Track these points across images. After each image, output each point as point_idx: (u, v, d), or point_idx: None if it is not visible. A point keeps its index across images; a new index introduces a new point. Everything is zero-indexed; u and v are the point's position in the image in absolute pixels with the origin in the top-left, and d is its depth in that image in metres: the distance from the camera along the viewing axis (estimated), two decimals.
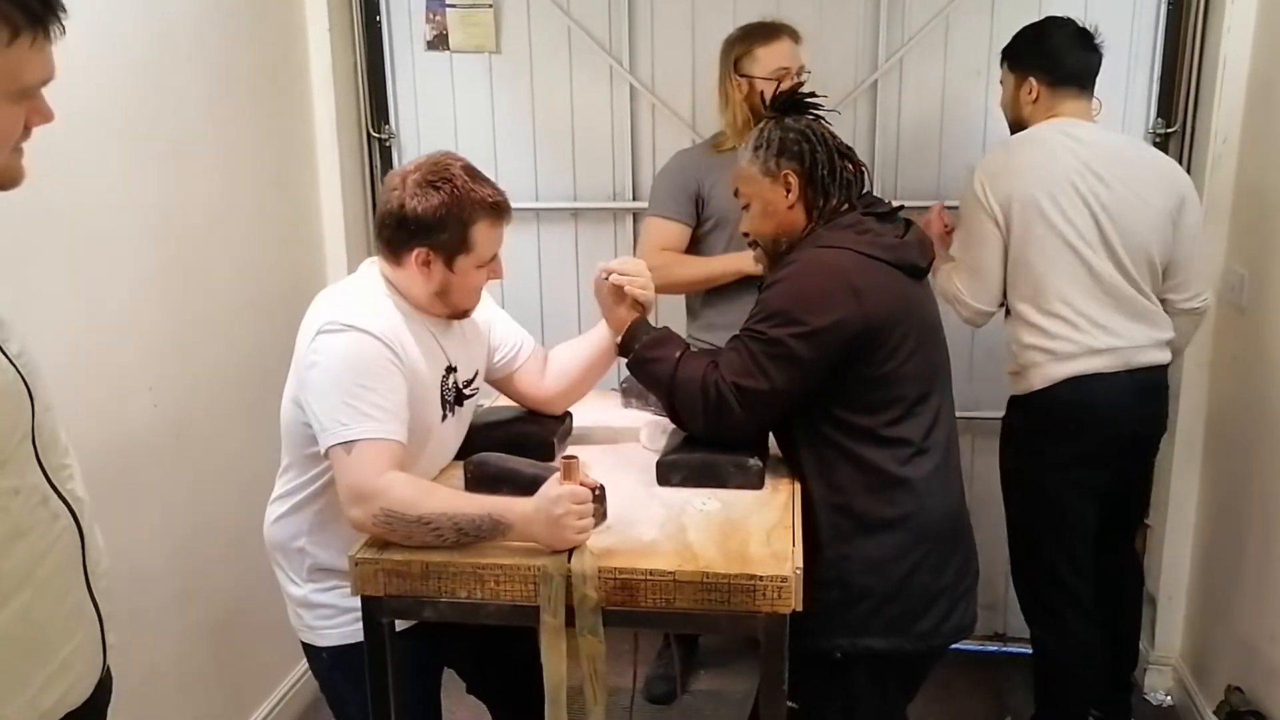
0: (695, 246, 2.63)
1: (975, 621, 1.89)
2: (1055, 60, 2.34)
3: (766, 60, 2.48)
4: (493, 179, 1.73)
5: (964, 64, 2.85)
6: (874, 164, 2.91)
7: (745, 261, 2.45)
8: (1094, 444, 2.34)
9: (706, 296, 2.65)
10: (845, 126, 2.89)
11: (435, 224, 1.64)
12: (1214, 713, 2.53)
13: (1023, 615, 2.56)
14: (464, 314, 1.80)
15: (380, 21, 3.00)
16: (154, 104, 2.18)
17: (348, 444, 1.55)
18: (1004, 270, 2.31)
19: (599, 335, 1.98)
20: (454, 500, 1.58)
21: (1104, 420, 2.31)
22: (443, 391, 1.77)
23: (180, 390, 2.28)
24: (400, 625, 1.69)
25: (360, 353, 1.60)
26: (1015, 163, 2.30)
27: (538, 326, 3.12)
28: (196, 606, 2.35)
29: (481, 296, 1.83)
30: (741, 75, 2.51)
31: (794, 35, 2.52)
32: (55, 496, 1.14)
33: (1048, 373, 2.29)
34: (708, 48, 2.88)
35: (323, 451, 1.60)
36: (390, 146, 3.08)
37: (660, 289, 2.55)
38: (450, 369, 1.79)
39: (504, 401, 2.09)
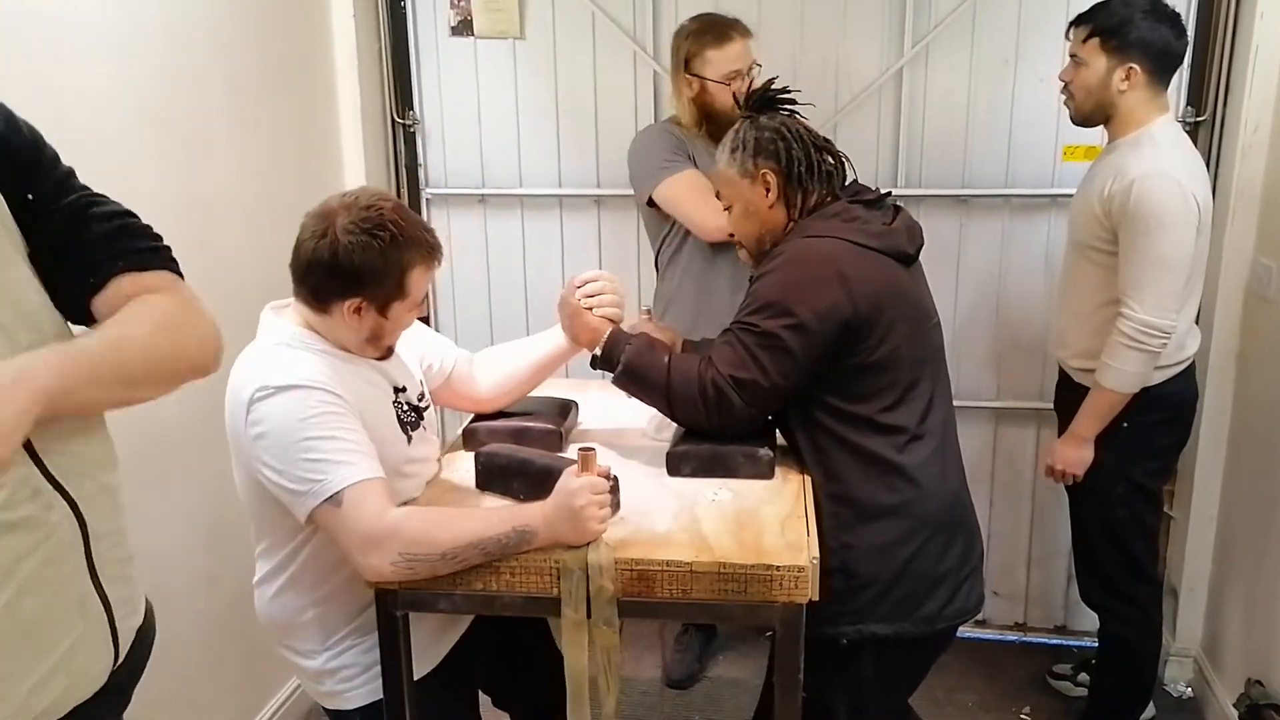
0: (677, 227, 2.60)
1: (981, 604, 1.90)
2: (1166, 49, 2.20)
3: (718, 63, 2.45)
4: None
5: (992, 51, 2.81)
6: (899, 153, 2.89)
7: None
8: (1185, 431, 2.42)
9: (673, 266, 2.64)
10: (870, 116, 2.89)
11: (372, 275, 1.55)
12: (1234, 705, 2.52)
13: (1105, 615, 2.52)
14: (390, 354, 1.73)
15: (405, 7, 3.00)
16: (177, 90, 2.20)
17: (334, 498, 1.48)
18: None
19: (552, 344, 1.96)
20: (471, 524, 1.52)
21: (1193, 408, 2.43)
22: (399, 415, 1.71)
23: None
24: (419, 673, 1.67)
25: (303, 406, 1.50)
26: (1197, 168, 2.22)
27: None
28: (222, 588, 2.39)
29: None
30: (692, 74, 2.48)
31: (745, 33, 2.48)
32: (51, 489, 1.09)
33: (1166, 369, 2.30)
34: None
35: (304, 519, 1.52)
36: (415, 132, 3.09)
37: None
38: (398, 389, 1.74)
39: None
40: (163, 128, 2.15)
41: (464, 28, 2.99)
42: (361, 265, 1.54)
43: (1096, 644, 2.62)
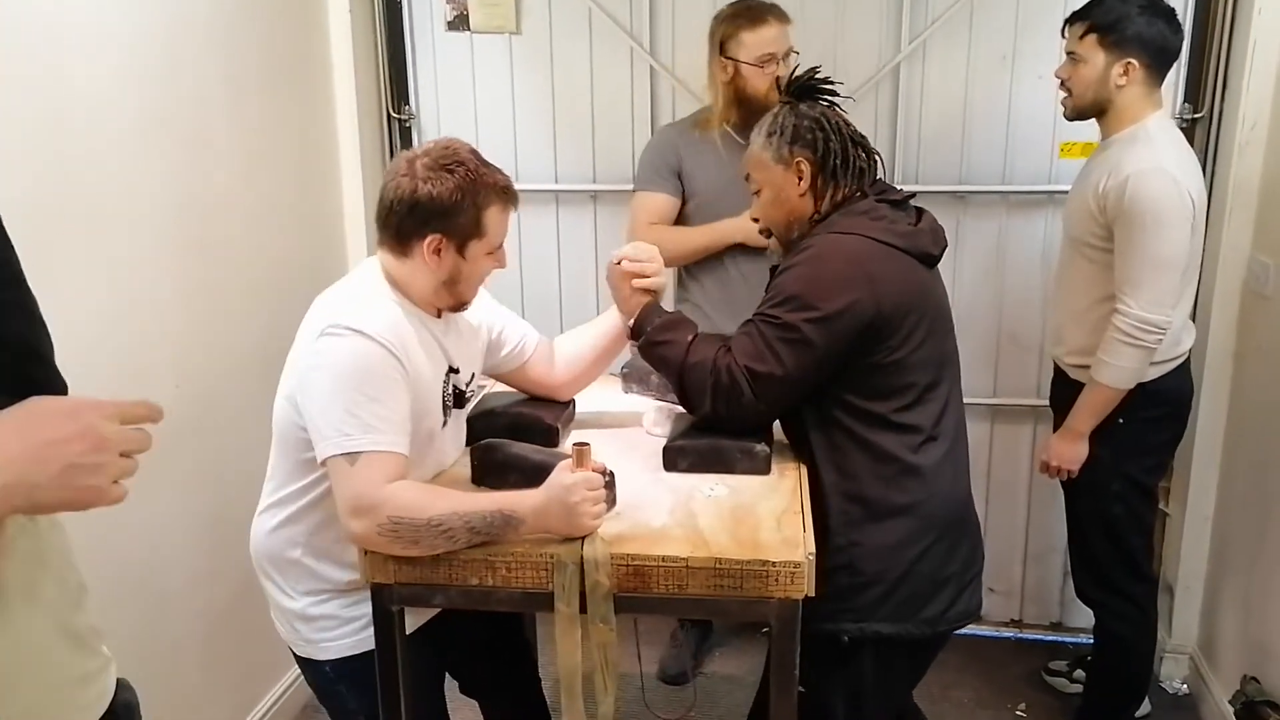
0: (679, 225, 2.65)
1: (980, 607, 1.91)
2: (1164, 44, 2.20)
3: (752, 45, 2.45)
4: (512, 161, 1.72)
5: (989, 48, 2.81)
6: (896, 150, 2.89)
7: (734, 230, 2.49)
8: (1181, 427, 2.42)
9: (689, 272, 2.68)
10: (867, 111, 2.88)
11: (450, 208, 1.61)
12: (1229, 702, 2.52)
13: (1101, 611, 2.51)
14: (464, 306, 1.76)
15: (400, 1, 3.00)
16: (174, 87, 2.19)
17: (351, 455, 1.50)
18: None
19: (609, 322, 1.99)
20: (462, 500, 1.54)
21: (1189, 404, 2.44)
22: (444, 396, 1.74)
23: (203, 373, 2.30)
24: (409, 629, 1.67)
25: (366, 360, 1.55)
26: (1191, 164, 2.22)
27: (556, 308, 3.13)
28: (219, 586, 2.39)
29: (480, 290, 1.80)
30: (727, 57, 2.49)
31: (781, 17, 2.49)
32: None
33: (1162, 365, 2.30)
34: None
35: (320, 460, 1.55)
36: (410, 127, 3.08)
37: None
38: (451, 370, 1.76)
39: (501, 387, 2.09)
40: (163, 127, 2.15)
41: (460, 22, 2.99)
42: (439, 198, 1.60)
43: (1092, 641, 2.63)
